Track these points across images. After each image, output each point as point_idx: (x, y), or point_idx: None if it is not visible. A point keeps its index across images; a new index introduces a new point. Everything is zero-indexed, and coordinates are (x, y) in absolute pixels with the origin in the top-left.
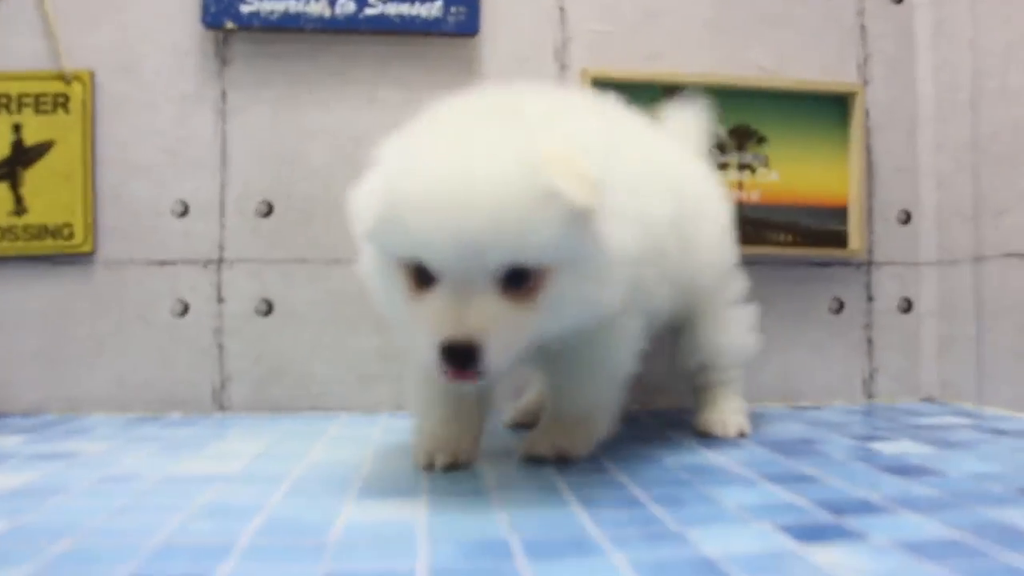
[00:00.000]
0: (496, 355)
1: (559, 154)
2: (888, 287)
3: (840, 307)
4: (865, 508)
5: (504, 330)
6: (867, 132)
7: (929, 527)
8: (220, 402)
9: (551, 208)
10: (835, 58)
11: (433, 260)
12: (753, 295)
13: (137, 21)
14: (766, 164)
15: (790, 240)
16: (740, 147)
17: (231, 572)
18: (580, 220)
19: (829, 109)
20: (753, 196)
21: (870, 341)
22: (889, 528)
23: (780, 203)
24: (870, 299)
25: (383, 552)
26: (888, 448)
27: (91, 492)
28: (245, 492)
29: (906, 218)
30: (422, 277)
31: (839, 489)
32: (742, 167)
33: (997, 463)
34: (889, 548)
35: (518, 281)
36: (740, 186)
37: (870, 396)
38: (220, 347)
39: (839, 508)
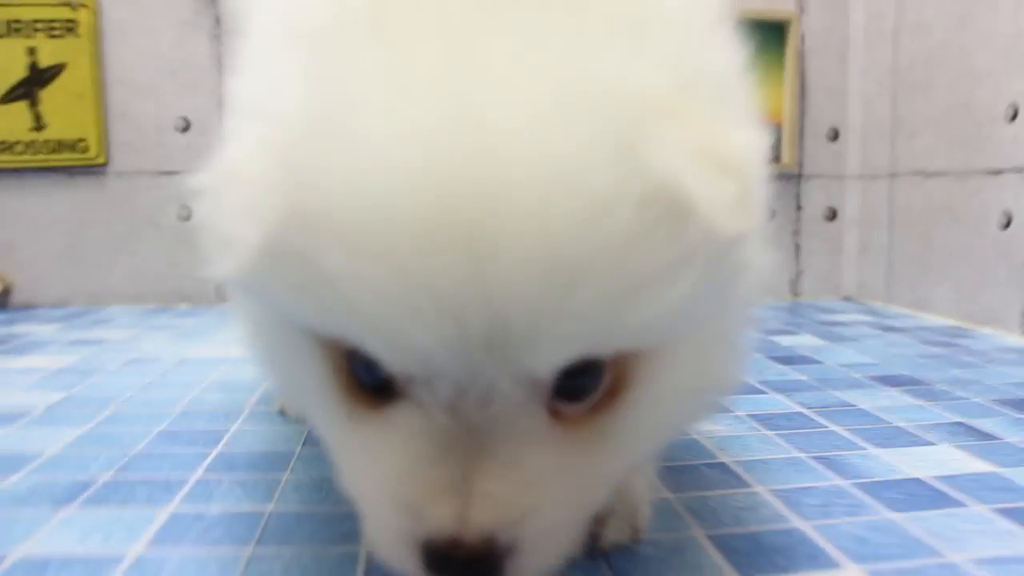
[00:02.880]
0: (544, 553)
1: (685, 114)
2: (816, 197)
3: (771, 215)
4: (741, 389)
5: (561, 496)
6: (802, 57)
7: (783, 404)
8: (222, 295)
9: (677, 237)
10: None
11: (398, 358)
12: None
13: None
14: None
15: None
16: None
17: (238, 429)
18: (720, 258)
19: (767, 35)
20: None
21: (798, 246)
22: (751, 404)
23: None
24: (799, 208)
25: None
26: (787, 341)
27: (122, 371)
28: (247, 371)
29: (834, 135)
30: (370, 376)
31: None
32: None
33: (871, 355)
34: (744, 418)
35: (584, 382)
36: None
37: (796, 294)
38: None
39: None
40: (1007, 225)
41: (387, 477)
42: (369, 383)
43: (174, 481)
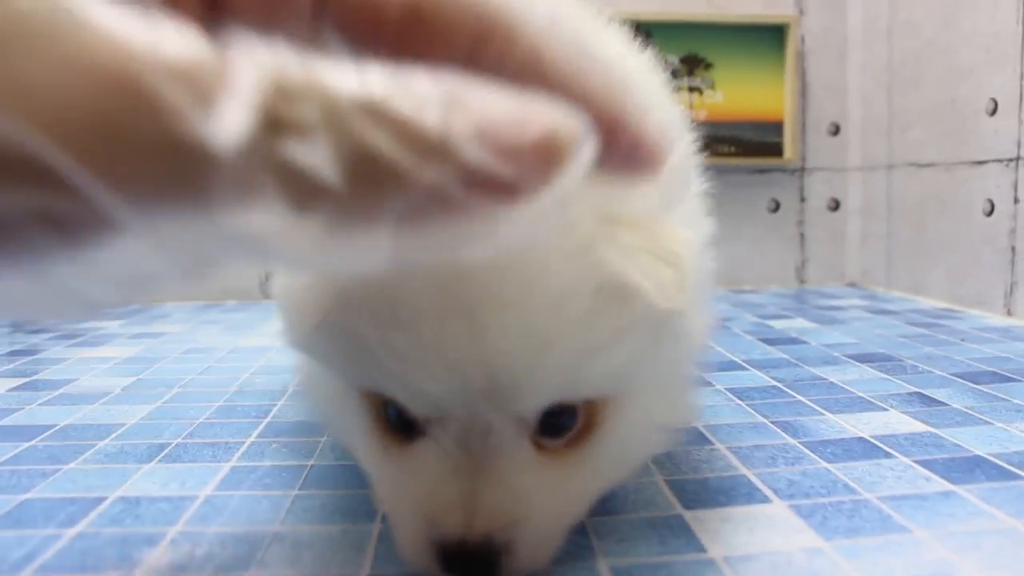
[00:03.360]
0: (533, 553)
1: (635, 223)
2: (819, 189)
3: (777, 207)
4: (726, 366)
5: (545, 509)
6: (802, 56)
7: (759, 378)
8: (264, 292)
9: (625, 312)
10: None
11: (419, 405)
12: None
13: None
14: (712, 87)
15: (733, 151)
16: (690, 73)
17: (284, 405)
18: (661, 326)
19: (769, 37)
20: (701, 115)
21: (802, 235)
22: (730, 380)
23: (724, 120)
24: (803, 200)
25: None
26: (780, 324)
27: (181, 359)
28: (287, 357)
29: (835, 130)
30: (399, 419)
31: (717, 353)
32: (691, 90)
33: (854, 336)
34: (722, 391)
35: (562, 422)
36: (690, 106)
37: (802, 281)
38: None
39: (705, 367)
40: (991, 212)
41: (412, 495)
42: (398, 424)
43: (232, 444)
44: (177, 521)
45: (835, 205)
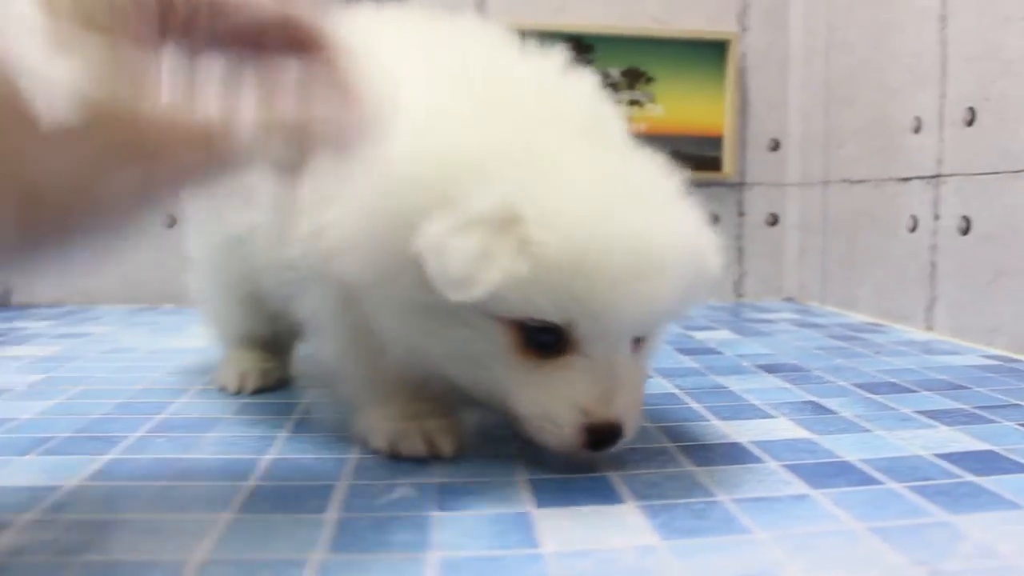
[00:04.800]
0: (632, 430)
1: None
2: (758, 204)
3: (715, 220)
4: None
5: (639, 400)
6: (743, 72)
7: (661, 386)
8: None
9: (709, 267)
10: (718, 9)
11: (601, 329)
12: None
13: None
14: (653, 100)
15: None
16: (631, 86)
17: (184, 405)
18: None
19: (710, 53)
20: (641, 127)
21: (741, 250)
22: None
23: (664, 133)
24: (741, 214)
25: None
26: (703, 335)
27: (99, 359)
28: (205, 357)
29: (775, 146)
30: (541, 339)
31: None
32: (632, 103)
33: (771, 348)
34: None
35: (637, 341)
36: (631, 119)
37: (740, 296)
38: None
39: None
40: (914, 229)
41: (566, 396)
42: (540, 344)
43: (117, 438)
44: (32, 508)
45: (773, 220)
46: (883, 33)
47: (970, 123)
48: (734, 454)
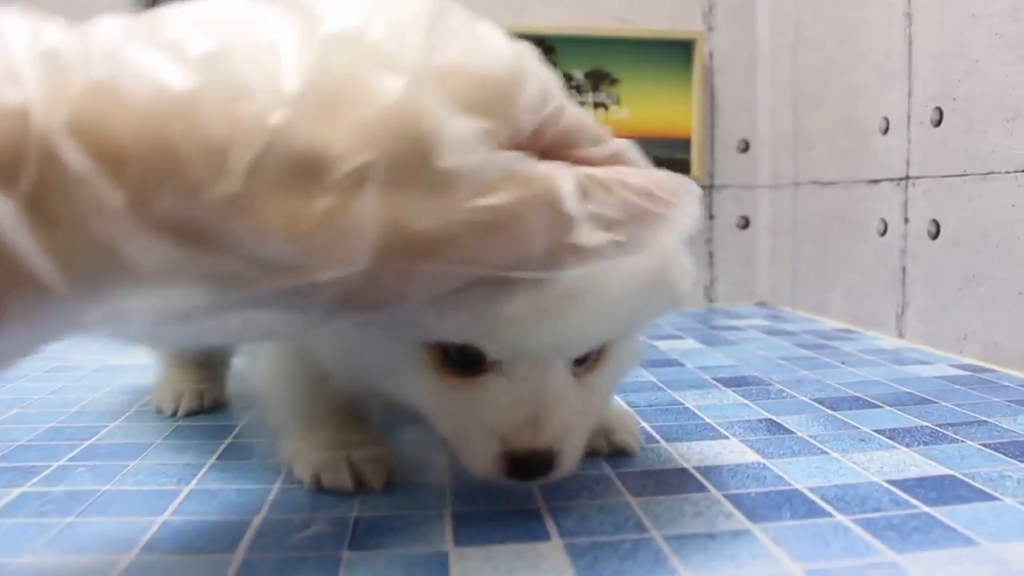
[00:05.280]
0: (570, 459)
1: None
2: (728, 207)
3: None
4: None
5: (580, 424)
6: (710, 72)
7: (620, 399)
8: None
9: (658, 300)
10: (684, 8)
11: (512, 352)
12: None
13: None
14: (618, 102)
15: None
16: (595, 88)
17: (115, 429)
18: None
19: (676, 53)
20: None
21: (711, 254)
22: None
23: (630, 136)
24: (711, 217)
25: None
26: (666, 345)
27: (41, 377)
28: (150, 376)
29: (745, 147)
30: (463, 358)
31: None
32: (597, 105)
33: (737, 358)
34: None
35: (588, 355)
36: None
37: (711, 301)
38: None
39: None
40: (884, 232)
41: (484, 420)
42: (462, 363)
43: (37, 468)
44: None
45: (745, 223)
46: (850, 30)
47: (937, 123)
48: (676, 482)
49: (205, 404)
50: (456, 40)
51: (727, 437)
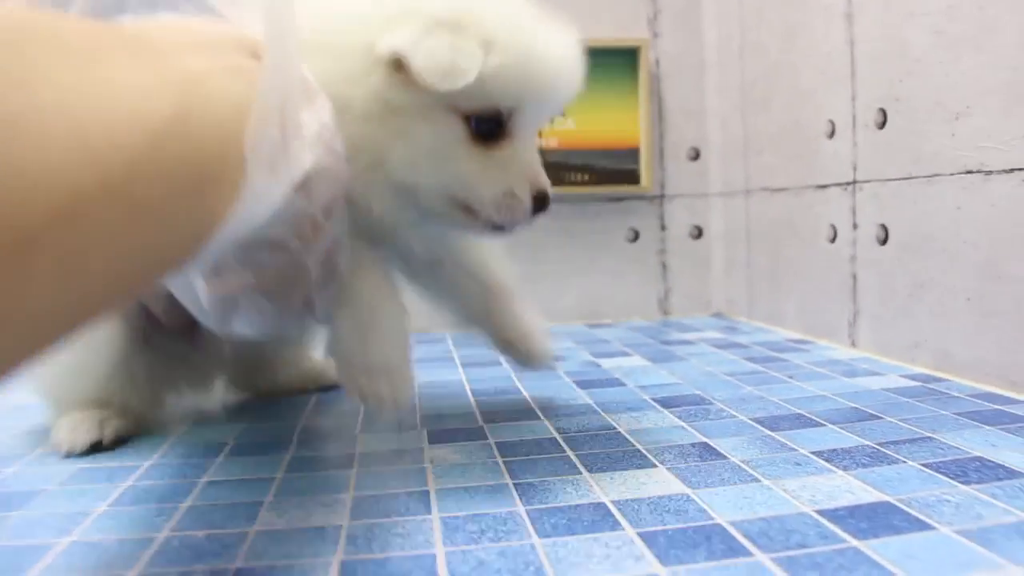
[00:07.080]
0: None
1: None
2: (680, 217)
3: (636, 236)
4: (518, 415)
5: None
6: (657, 80)
7: (541, 429)
8: None
9: None
10: (628, 15)
11: (540, 110)
12: (555, 230)
13: None
14: (562, 114)
15: (587, 179)
16: None
17: (12, 475)
18: None
19: (620, 61)
20: (551, 143)
21: (664, 265)
22: (510, 432)
23: (576, 147)
24: (663, 228)
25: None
26: (611, 363)
27: None
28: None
29: (695, 155)
30: (484, 129)
31: (518, 400)
32: None
33: (678, 376)
34: (489, 446)
35: None
36: (539, 134)
37: (666, 313)
38: None
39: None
40: (834, 239)
41: (515, 172)
42: (487, 132)
43: None
44: None
45: (698, 232)
46: (794, 33)
47: (882, 125)
48: (589, 520)
49: (107, 435)
50: None
51: (655, 465)
